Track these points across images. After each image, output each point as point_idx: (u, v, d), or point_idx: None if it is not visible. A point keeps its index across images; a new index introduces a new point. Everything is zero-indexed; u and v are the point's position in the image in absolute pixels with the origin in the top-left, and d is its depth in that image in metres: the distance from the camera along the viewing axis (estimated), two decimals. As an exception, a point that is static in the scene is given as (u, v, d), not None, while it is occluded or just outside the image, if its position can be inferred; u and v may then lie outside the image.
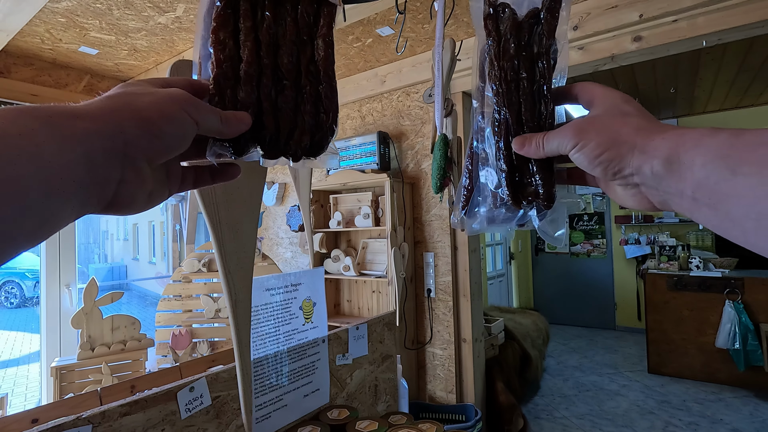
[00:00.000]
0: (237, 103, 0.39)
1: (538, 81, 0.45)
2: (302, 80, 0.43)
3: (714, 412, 3.05)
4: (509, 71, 0.45)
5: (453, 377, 2.73)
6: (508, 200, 0.44)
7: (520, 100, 0.45)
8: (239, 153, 0.40)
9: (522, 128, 0.44)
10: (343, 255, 3.00)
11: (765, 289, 3.37)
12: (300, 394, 0.86)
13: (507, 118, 0.44)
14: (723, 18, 1.96)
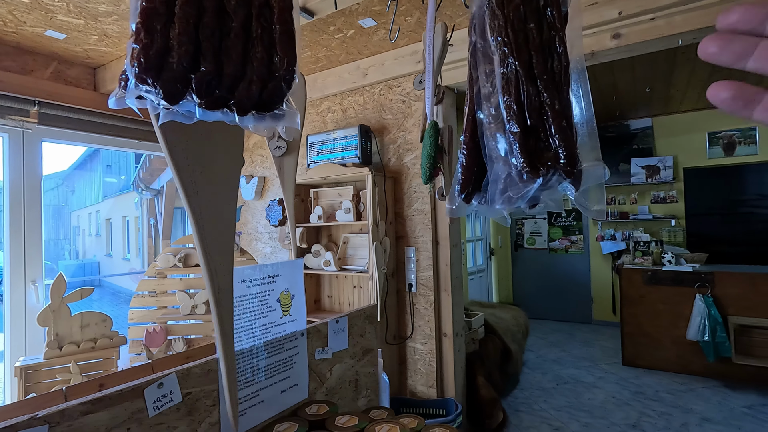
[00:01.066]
0: (168, 41, 0.35)
1: (548, 32, 0.42)
2: (253, 23, 0.39)
3: (685, 402, 3.15)
4: (516, 20, 0.42)
5: (434, 372, 2.74)
6: (522, 168, 0.41)
7: (530, 51, 0.42)
8: (170, 96, 0.36)
9: (534, 83, 0.41)
10: (323, 250, 2.96)
11: (733, 283, 3.49)
12: (277, 389, 0.83)
13: (518, 71, 0.42)
14: (699, 17, 2.00)
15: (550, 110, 0.38)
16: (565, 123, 0.39)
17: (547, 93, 0.39)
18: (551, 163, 0.39)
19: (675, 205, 5.02)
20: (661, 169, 5.01)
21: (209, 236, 0.50)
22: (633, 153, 5.20)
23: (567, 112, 0.39)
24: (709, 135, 4.80)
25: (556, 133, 0.39)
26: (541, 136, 0.40)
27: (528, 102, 0.39)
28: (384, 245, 2.69)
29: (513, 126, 0.40)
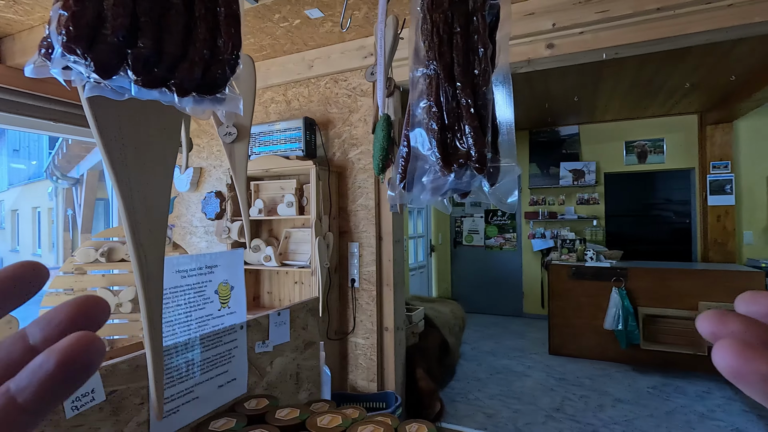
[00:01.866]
0: (101, 10, 0.32)
1: (472, 37, 0.44)
2: (196, 2, 0.38)
3: (602, 386, 3.45)
4: (442, 24, 0.44)
5: (375, 366, 2.76)
6: (438, 164, 0.43)
7: (452, 55, 0.44)
8: (102, 70, 0.33)
9: (454, 86, 0.43)
10: (264, 245, 2.87)
11: (643, 277, 3.89)
12: (214, 384, 0.79)
13: (438, 74, 0.43)
14: (621, 34, 2.19)
15: (465, 112, 0.40)
16: (478, 124, 0.42)
17: (464, 95, 0.41)
18: (463, 160, 0.42)
19: (597, 206, 5.48)
20: (585, 173, 5.44)
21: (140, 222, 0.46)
22: (562, 157, 5.60)
23: (482, 114, 0.41)
24: (626, 144, 5.29)
25: (469, 133, 0.42)
26: (457, 135, 0.43)
27: (446, 103, 0.41)
28: (327, 240, 2.67)
29: (432, 124, 0.43)
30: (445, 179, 0.43)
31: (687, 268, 3.84)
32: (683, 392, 3.31)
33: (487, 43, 0.44)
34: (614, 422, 2.86)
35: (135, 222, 0.46)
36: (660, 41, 2.16)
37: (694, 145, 4.98)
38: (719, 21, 1.98)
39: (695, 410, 3.01)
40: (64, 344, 0.16)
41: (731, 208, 4.64)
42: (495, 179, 0.43)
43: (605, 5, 2.14)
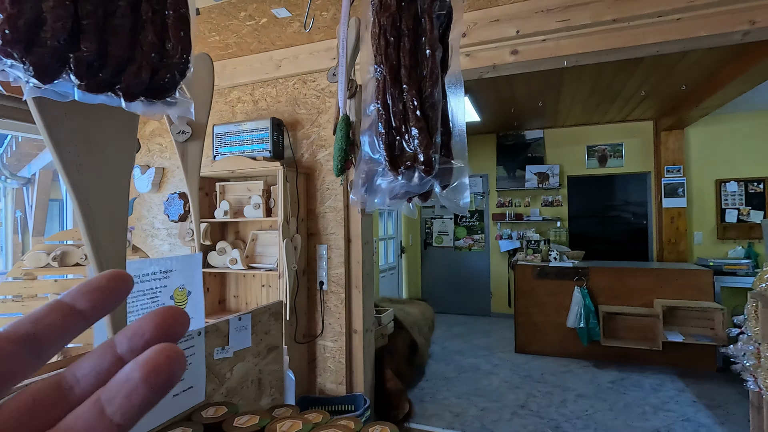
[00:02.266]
0: (39, 12, 0.31)
1: (420, 40, 0.45)
2: (143, 4, 0.37)
3: (564, 382, 3.57)
4: (389, 27, 0.44)
5: (343, 368, 2.75)
6: (385, 166, 0.43)
7: (399, 57, 0.44)
8: (42, 74, 0.32)
9: (400, 88, 0.44)
10: (230, 247, 2.80)
11: (603, 277, 4.05)
12: (169, 393, 0.77)
13: (386, 77, 0.44)
14: (580, 43, 2.28)
15: (411, 114, 0.41)
16: (425, 125, 0.43)
17: (410, 97, 0.42)
18: (410, 162, 0.43)
19: (560, 208, 5.67)
20: (550, 176, 5.62)
21: (98, 225, 0.45)
22: (527, 160, 5.76)
23: (429, 115, 0.42)
24: (588, 148, 5.51)
25: (416, 135, 0.43)
26: (405, 137, 0.43)
27: (393, 105, 0.41)
28: (295, 242, 2.64)
29: (380, 127, 0.43)
30: (399, 182, 0.44)
31: (642, 267, 4.03)
32: (639, 385, 3.47)
33: (435, 45, 0.45)
34: (576, 417, 2.96)
35: (92, 225, 0.45)
36: (616, 51, 2.26)
37: (650, 150, 5.23)
38: (668, 34, 2.10)
39: (650, 402, 3.17)
40: (149, 356, 0.17)
41: (683, 210, 4.91)
42: (448, 181, 0.44)
43: (566, 14, 2.22)
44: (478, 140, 6.04)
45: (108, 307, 0.19)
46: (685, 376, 3.64)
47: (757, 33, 2.05)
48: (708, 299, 3.76)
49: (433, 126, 0.43)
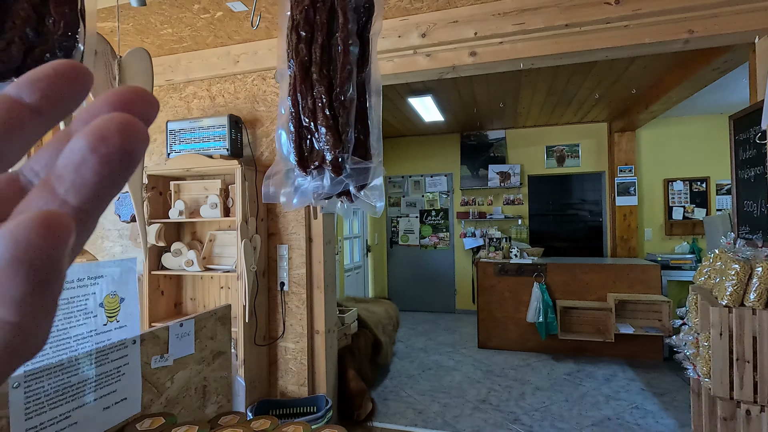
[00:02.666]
0: None
1: (333, 36, 0.44)
2: None
3: (524, 375, 3.68)
4: (302, 21, 0.43)
5: (305, 370, 2.72)
6: (295, 166, 0.42)
7: (310, 52, 0.43)
8: None
9: (310, 86, 0.42)
10: (186, 248, 2.70)
11: (560, 273, 4.20)
12: (99, 406, 0.73)
13: (296, 74, 0.43)
14: (535, 46, 2.34)
15: (320, 112, 0.40)
16: (333, 124, 0.42)
17: (320, 94, 0.40)
18: (318, 162, 0.42)
19: (521, 206, 5.83)
20: (511, 175, 5.77)
21: None
22: (490, 160, 5.89)
23: (339, 113, 0.41)
24: (547, 148, 5.69)
25: (324, 134, 0.42)
26: (315, 135, 0.42)
27: (302, 102, 0.40)
28: (254, 243, 2.58)
29: (290, 125, 0.42)
30: (317, 182, 0.43)
31: (597, 263, 4.21)
32: (593, 377, 3.63)
33: (349, 40, 0.44)
34: (534, 409, 3.06)
35: None
36: (568, 54, 2.34)
37: (604, 151, 5.47)
38: (616, 40, 2.19)
39: (602, 392, 3.31)
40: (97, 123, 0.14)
41: (635, 208, 5.16)
42: (364, 181, 0.43)
43: (521, 18, 2.28)
44: (443, 140, 6.12)
45: (65, 98, 0.16)
46: (635, 366, 3.83)
47: (695, 42, 2.18)
48: (656, 293, 3.98)
49: (345, 124, 0.42)
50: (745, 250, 2.07)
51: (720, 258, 2.27)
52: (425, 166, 6.26)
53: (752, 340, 1.98)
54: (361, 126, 0.43)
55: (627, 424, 2.81)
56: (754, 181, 2.21)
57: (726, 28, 2.06)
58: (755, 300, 1.97)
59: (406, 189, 6.40)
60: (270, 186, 0.44)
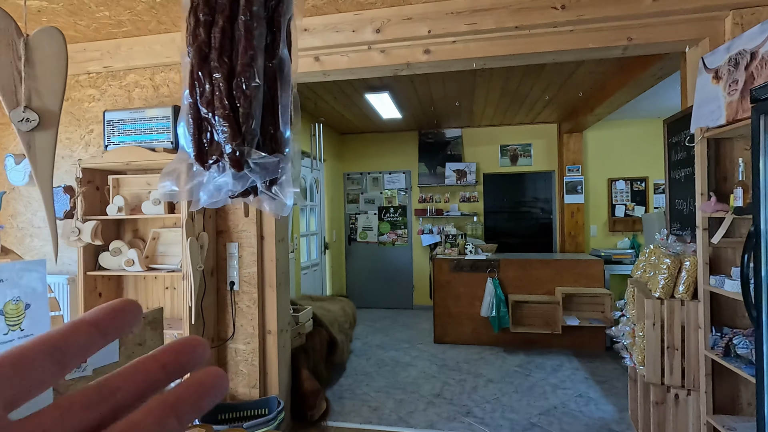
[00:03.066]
0: None
1: (235, 22, 0.41)
2: None
3: (477, 368, 3.77)
4: (201, 3, 0.40)
5: (257, 371, 2.64)
6: (193, 159, 0.39)
7: (209, 37, 0.40)
8: None
9: (209, 72, 0.39)
10: (126, 247, 2.54)
11: (513, 268, 4.34)
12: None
13: (192, 62, 0.39)
14: (487, 47, 2.38)
15: (218, 102, 0.38)
16: (230, 114, 0.39)
17: (218, 82, 0.38)
18: (217, 156, 0.39)
19: (476, 204, 5.97)
20: (467, 173, 5.89)
21: None
22: (447, 158, 5.98)
23: (238, 103, 0.38)
24: (501, 147, 5.86)
25: (221, 124, 0.39)
26: (213, 131, 0.39)
27: (200, 92, 0.37)
28: (201, 241, 2.46)
29: (189, 117, 0.39)
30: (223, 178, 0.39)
31: (546, 258, 4.38)
32: (542, 367, 3.78)
33: (251, 24, 0.41)
34: (486, 401, 3.14)
35: None
36: (519, 56, 2.40)
37: (554, 151, 5.70)
38: (562, 44, 2.27)
39: (550, 382, 3.46)
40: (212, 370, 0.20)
41: (581, 206, 5.42)
42: (272, 175, 0.40)
43: (473, 18, 2.31)
44: (401, 137, 6.14)
45: (124, 330, 0.21)
46: (580, 356, 4.03)
47: (633, 49, 2.30)
48: (599, 286, 4.20)
49: (246, 115, 0.39)
50: (675, 246, 2.22)
51: (654, 253, 2.42)
52: (384, 163, 6.27)
53: (681, 330, 2.13)
54: (271, 117, 0.40)
55: (571, 412, 2.95)
56: (684, 181, 2.37)
57: (660, 37, 2.19)
58: (683, 292, 2.11)
59: (365, 186, 6.37)
60: (166, 182, 0.41)
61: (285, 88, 0.44)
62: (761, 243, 1.54)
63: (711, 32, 2.13)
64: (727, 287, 1.87)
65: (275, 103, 0.42)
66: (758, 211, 1.55)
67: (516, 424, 2.81)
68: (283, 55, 0.44)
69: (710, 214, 2.00)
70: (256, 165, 0.39)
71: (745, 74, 1.78)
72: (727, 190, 2.07)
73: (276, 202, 0.40)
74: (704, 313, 2.04)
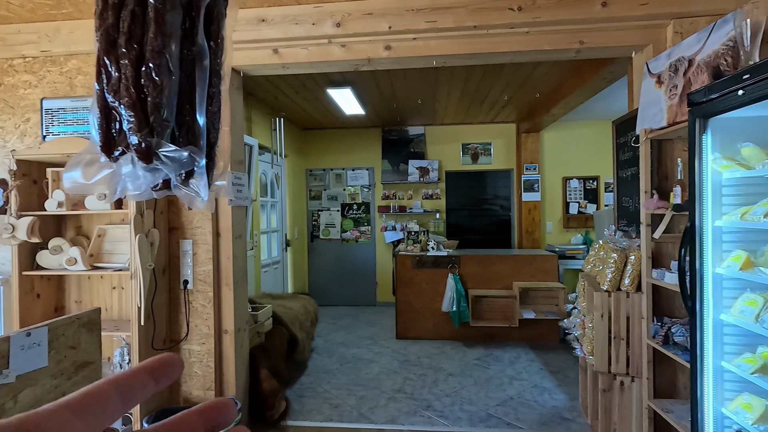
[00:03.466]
0: None
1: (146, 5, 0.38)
2: None
3: (438, 363, 3.83)
4: None
5: (212, 373, 2.55)
6: (100, 149, 0.36)
7: (118, 19, 0.37)
8: None
9: (116, 57, 0.37)
10: (68, 245, 2.38)
11: (473, 264, 4.43)
12: None
13: (100, 45, 0.37)
14: (447, 45, 2.41)
15: (125, 90, 0.35)
16: (137, 101, 0.37)
17: (125, 68, 0.35)
18: (123, 147, 0.37)
19: (439, 201, 6.05)
20: (430, 170, 5.95)
21: None
22: (410, 155, 6.02)
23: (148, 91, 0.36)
24: (463, 145, 5.96)
25: (127, 113, 0.37)
26: (123, 118, 0.37)
27: (107, 78, 0.35)
28: (151, 238, 2.35)
29: (95, 105, 0.36)
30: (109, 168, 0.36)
31: (504, 254, 4.51)
32: (500, 360, 3.89)
33: (164, 10, 0.38)
34: (445, 395, 3.19)
35: None
36: (478, 55, 2.44)
37: (513, 150, 5.87)
38: (520, 45, 2.33)
39: (507, 374, 3.57)
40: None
41: (538, 203, 5.62)
42: (187, 168, 0.38)
43: (433, 16, 2.32)
44: (365, 134, 6.12)
45: (171, 379, 0.25)
46: (536, 348, 4.18)
47: (585, 52, 2.39)
48: (554, 280, 4.37)
49: (156, 104, 0.37)
50: (622, 241, 2.34)
51: (603, 248, 2.54)
52: (347, 159, 6.22)
53: (626, 320, 2.25)
54: (189, 109, 0.38)
55: (527, 402, 3.06)
56: (631, 180, 2.50)
57: (610, 42, 2.29)
58: (629, 284, 2.22)
59: (328, 182, 6.31)
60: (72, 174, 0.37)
61: (203, 79, 0.41)
62: (696, 238, 1.65)
63: (654, 39, 2.25)
64: (667, 279, 1.99)
65: (193, 93, 0.40)
66: (694, 208, 1.66)
67: (474, 415, 2.87)
68: (202, 42, 0.42)
69: (653, 211, 2.12)
70: (167, 158, 0.36)
71: (683, 79, 1.89)
72: (668, 188, 2.20)
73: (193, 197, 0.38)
74: (647, 305, 2.16)
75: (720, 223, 1.63)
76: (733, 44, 1.64)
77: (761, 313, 1.46)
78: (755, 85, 1.33)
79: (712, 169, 1.63)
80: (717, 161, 1.60)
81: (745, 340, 1.63)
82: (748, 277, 1.50)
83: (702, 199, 1.65)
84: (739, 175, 1.57)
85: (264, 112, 4.72)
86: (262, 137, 4.59)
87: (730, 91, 1.43)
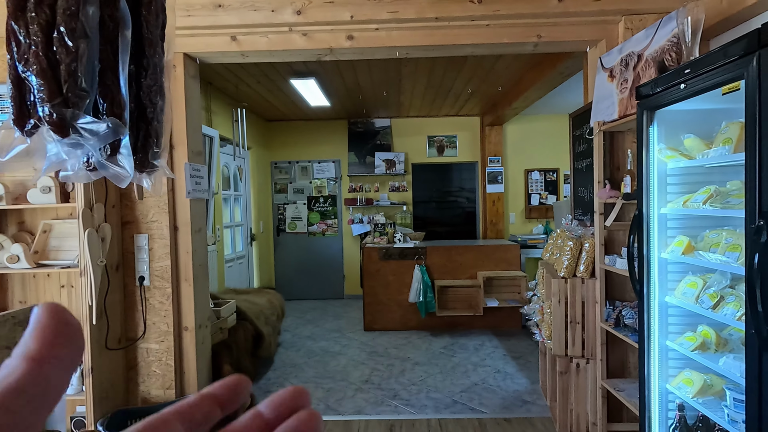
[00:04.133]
0: None
1: None
2: None
3: (404, 353, 3.88)
4: None
5: (172, 371, 2.47)
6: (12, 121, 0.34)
7: None
8: None
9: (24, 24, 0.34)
10: (9, 241, 2.23)
11: (439, 255, 4.50)
12: None
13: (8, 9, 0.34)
14: (409, 36, 2.40)
15: (34, 56, 0.33)
16: (48, 70, 0.35)
17: (35, 34, 0.33)
18: (35, 120, 0.35)
19: (405, 193, 6.09)
20: (396, 162, 5.97)
21: None
22: (377, 147, 6.01)
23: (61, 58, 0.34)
24: (429, 138, 6.01)
25: (37, 82, 0.35)
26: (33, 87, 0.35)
27: (17, 49, 0.33)
28: (102, 233, 2.23)
29: (8, 77, 0.34)
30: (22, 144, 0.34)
31: (469, 245, 4.60)
32: (465, 348, 3.98)
33: None
34: (412, 383, 3.24)
35: None
36: (439, 47, 2.45)
37: (477, 143, 5.97)
38: (480, 37, 2.36)
39: (471, 361, 3.66)
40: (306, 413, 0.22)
41: (502, 195, 5.76)
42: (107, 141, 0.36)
43: (395, 6, 2.31)
44: (330, 126, 6.05)
45: (237, 404, 0.24)
46: (499, 335, 4.31)
47: (543, 46, 2.45)
48: (516, 269, 4.50)
49: (70, 72, 0.35)
50: (577, 230, 2.43)
51: (560, 237, 2.63)
52: (313, 151, 6.14)
53: (581, 305, 2.35)
54: (114, 78, 0.35)
55: (490, 387, 3.15)
56: (586, 171, 2.60)
57: (566, 37, 2.36)
58: (584, 271, 2.32)
59: (294, 175, 6.21)
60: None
61: (125, 45, 0.39)
62: (644, 225, 1.74)
63: (607, 35, 2.33)
64: (618, 265, 2.09)
65: (114, 61, 0.37)
66: (641, 196, 1.75)
67: (439, 402, 2.93)
68: (124, 7, 0.39)
69: (605, 200, 2.22)
70: (85, 130, 0.34)
71: (633, 74, 1.98)
72: (620, 178, 2.30)
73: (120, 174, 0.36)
74: (600, 289, 2.26)
75: (665, 210, 1.72)
76: (676, 40, 1.72)
77: (701, 294, 1.56)
78: (695, 79, 1.40)
79: (658, 159, 1.72)
80: (662, 152, 1.69)
81: (687, 320, 1.74)
82: (690, 261, 1.60)
83: (649, 188, 1.74)
84: (682, 165, 1.67)
85: (225, 103, 4.57)
86: (223, 128, 4.45)
87: (673, 84, 1.51)
